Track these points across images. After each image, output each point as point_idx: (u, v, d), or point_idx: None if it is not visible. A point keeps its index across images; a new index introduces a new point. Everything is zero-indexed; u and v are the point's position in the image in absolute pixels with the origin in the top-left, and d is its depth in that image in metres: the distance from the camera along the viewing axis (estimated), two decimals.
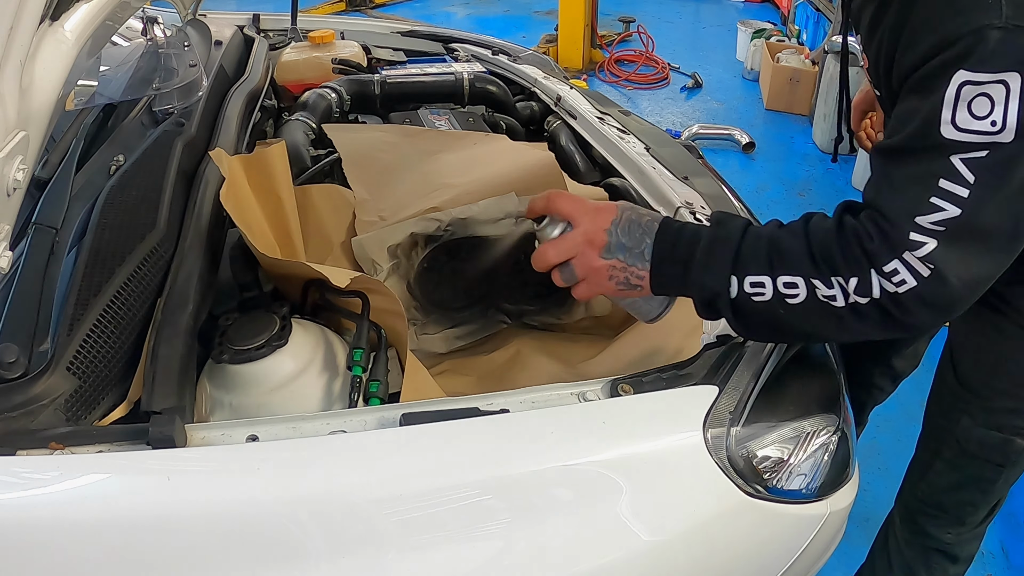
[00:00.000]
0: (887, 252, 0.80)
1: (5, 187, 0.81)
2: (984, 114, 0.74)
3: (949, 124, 0.76)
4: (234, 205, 1.03)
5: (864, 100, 1.45)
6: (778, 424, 0.93)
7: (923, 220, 0.78)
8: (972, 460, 1.20)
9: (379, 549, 0.80)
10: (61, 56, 0.93)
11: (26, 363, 0.85)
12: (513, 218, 1.24)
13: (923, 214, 0.78)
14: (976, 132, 0.75)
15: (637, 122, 1.66)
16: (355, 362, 0.96)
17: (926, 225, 0.78)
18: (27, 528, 0.75)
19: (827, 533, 0.99)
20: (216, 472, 0.82)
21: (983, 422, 1.15)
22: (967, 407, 1.16)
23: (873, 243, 0.81)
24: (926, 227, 0.78)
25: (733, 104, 4.56)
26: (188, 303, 0.97)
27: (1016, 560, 1.85)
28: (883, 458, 1.95)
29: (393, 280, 1.21)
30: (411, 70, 1.87)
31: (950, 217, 0.77)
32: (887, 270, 0.80)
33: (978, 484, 1.24)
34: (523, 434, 0.88)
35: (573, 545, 0.85)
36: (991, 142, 0.75)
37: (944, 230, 0.78)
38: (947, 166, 0.77)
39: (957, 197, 0.77)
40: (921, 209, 0.78)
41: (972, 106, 0.75)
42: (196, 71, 1.47)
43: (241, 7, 2.38)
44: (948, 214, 0.77)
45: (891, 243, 0.80)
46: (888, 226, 0.80)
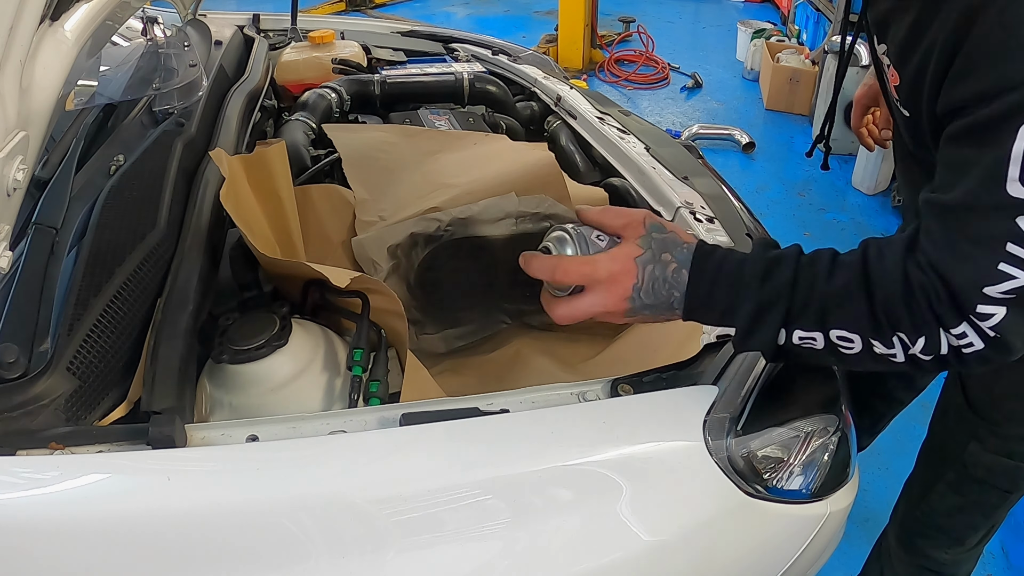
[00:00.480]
0: (956, 316, 0.74)
1: (5, 187, 0.81)
2: None
3: (1017, 182, 0.66)
4: (234, 205, 1.03)
5: (866, 95, 1.40)
6: (778, 424, 0.93)
7: (992, 291, 0.71)
8: (978, 485, 1.16)
9: (379, 549, 0.80)
10: (61, 56, 0.92)
11: (26, 363, 0.85)
12: (513, 218, 1.24)
13: (992, 284, 0.71)
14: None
15: (637, 122, 1.67)
16: (355, 362, 0.96)
17: (995, 295, 0.72)
18: (27, 528, 0.75)
19: (827, 533, 0.99)
20: (216, 472, 0.81)
21: (993, 447, 1.11)
22: (975, 431, 1.12)
23: (943, 306, 0.75)
24: (995, 297, 0.72)
25: (733, 104, 4.56)
26: (188, 303, 0.97)
27: (1016, 560, 1.85)
28: (883, 458, 1.95)
29: (393, 280, 1.21)
30: (411, 70, 1.87)
31: (1020, 285, 0.70)
32: (955, 333, 0.75)
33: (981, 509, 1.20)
34: (523, 434, 0.88)
35: (573, 545, 0.85)
36: None
37: (1014, 298, 0.71)
38: (1014, 229, 0.68)
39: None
40: (990, 280, 0.71)
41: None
42: (196, 71, 1.47)
43: (241, 7, 2.38)
44: (1018, 282, 0.70)
45: (960, 309, 0.74)
46: (957, 293, 0.73)
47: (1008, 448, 1.10)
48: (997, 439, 1.10)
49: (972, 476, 1.15)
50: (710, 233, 1.20)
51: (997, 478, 1.14)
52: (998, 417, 1.09)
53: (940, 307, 0.75)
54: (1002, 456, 1.11)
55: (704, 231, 1.21)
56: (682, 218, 1.26)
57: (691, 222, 1.24)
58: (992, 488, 1.15)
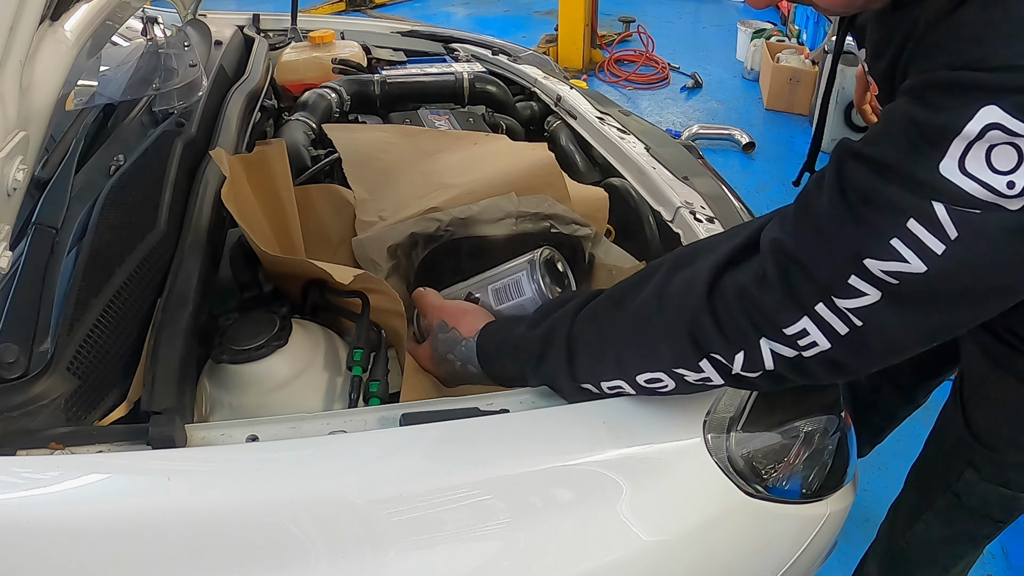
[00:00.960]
0: (794, 306, 0.64)
1: (5, 187, 0.81)
2: (1005, 168, 0.57)
3: (955, 161, 0.58)
4: (235, 204, 1.03)
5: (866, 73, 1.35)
6: (778, 424, 0.93)
7: (874, 265, 0.61)
8: (970, 514, 1.11)
9: (379, 549, 0.80)
10: (61, 56, 0.92)
11: (26, 363, 0.84)
12: (513, 218, 1.24)
13: (876, 257, 0.61)
14: (983, 185, 0.57)
15: (637, 122, 1.67)
16: (355, 362, 0.96)
17: (875, 271, 0.61)
18: (27, 528, 0.75)
19: (827, 533, 0.99)
20: (216, 472, 0.81)
21: (990, 476, 1.06)
22: (972, 457, 1.07)
23: (772, 295, 0.65)
24: (874, 274, 0.61)
25: (733, 104, 4.56)
26: (188, 303, 0.97)
27: (1016, 560, 1.85)
28: (883, 458, 1.95)
29: (393, 280, 1.21)
30: (411, 70, 1.87)
31: (910, 272, 0.60)
32: (790, 332, 0.65)
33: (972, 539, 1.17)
34: (523, 434, 0.88)
35: (573, 545, 0.85)
36: (994, 203, 0.58)
37: (896, 284, 0.61)
38: (926, 209, 0.59)
39: (928, 251, 0.59)
40: (875, 251, 0.61)
41: (992, 154, 0.57)
42: (196, 71, 1.47)
43: (241, 7, 2.38)
44: (909, 267, 0.60)
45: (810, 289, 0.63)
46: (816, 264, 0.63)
47: (1005, 477, 1.06)
48: (994, 467, 1.06)
49: (965, 505, 1.10)
50: (710, 233, 1.20)
51: (992, 508, 1.10)
52: (997, 443, 1.05)
53: (769, 301, 0.65)
54: (998, 485, 1.07)
55: (704, 231, 1.21)
56: (682, 218, 1.26)
57: (691, 222, 1.24)
58: (984, 518, 1.11)
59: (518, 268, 1.01)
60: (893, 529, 1.27)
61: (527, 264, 1.00)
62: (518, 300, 0.97)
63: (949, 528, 1.16)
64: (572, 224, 1.26)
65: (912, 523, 1.21)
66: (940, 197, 0.59)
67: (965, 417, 1.08)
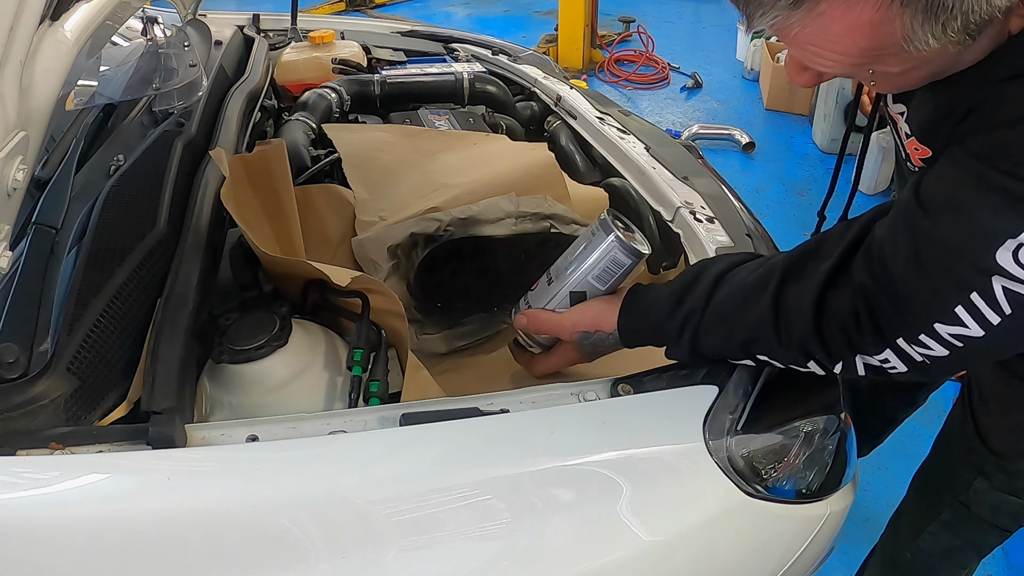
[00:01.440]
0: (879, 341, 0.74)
1: (5, 187, 0.81)
2: None
3: (1010, 253, 0.65)
4: (235, 204, 1.03)
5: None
6: (778, 424, 0.93)
7: (942, 328, 0.70)
8: (978, 524, 1.11)
9: (379, 549, 0.80)
10: (61, 56, 0.92)
11: (26, 363, 0.85)
12: (513, 218, 1.24)
13: (944, 323, 0.70)
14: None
15: (637, 122, 1.66)
16: (355, 362, 0.96)
17: (943, 334, 0.71)
18: (27, 528, 0.75)
19: (827, 533, 0.99)
20: (216, 472, 0.82)
21: (1000, 485, 1.06)
22: (982, 466, 1.07)
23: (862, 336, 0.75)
24: (942, 336, 0.71)
25: (733, 104, 4.56)
26: (188, 303, 0.97)
27: (1016, 560, 1.85)
28: (883, 458, 1.95)
29: (393, 280, 1.21)
30: (411, 70, 1.87)
31: (970, 335, 0.69)
32: (878, 358, 0.76)
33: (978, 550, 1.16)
34: (523, 434, 0.88)
35: (573, 545, 0.85)
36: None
37: (961, 346, 0.71)
38: (986, 286, 0.67)
39: (986, 321, 0.68)
40: (944, 318, 0.70)
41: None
42: (196, 71, 1.47)
43: (241, 7, 2.38)
44: (970, 332, 0.69)
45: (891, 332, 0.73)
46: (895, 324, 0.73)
47: (1016, 486, 1.06)
48: (1005, 475, 1.05)
49: (974, 515, 1.10)
50: (710, 233, 1.20)
51: (1001, 518, 1.09)
52: (1008, 450, 1.05)
53: (859, 338, 0.75)
54: (1009, 494, 1.06)
55: (704, 231, 1.21)
56: (682, 218, 1.26)
57: (691, 222, 1.24)
58: (992, 528, 1.11)
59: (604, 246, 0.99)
60: (897, 540, 1.26)
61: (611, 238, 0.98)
62: (620, 273, 1.00)
63: (956, 538, 1.15)
64: (572, 224, 1.26)
65: (917, 533, 1.19)
66: (998, 276, 0.66)
67: (975, 425, 1.07)
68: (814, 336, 0.79)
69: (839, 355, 0.79)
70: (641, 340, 0.98)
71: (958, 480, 1.11)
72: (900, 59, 0.65)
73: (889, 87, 0.76)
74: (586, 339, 1.01)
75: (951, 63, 0.69)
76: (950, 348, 0.71)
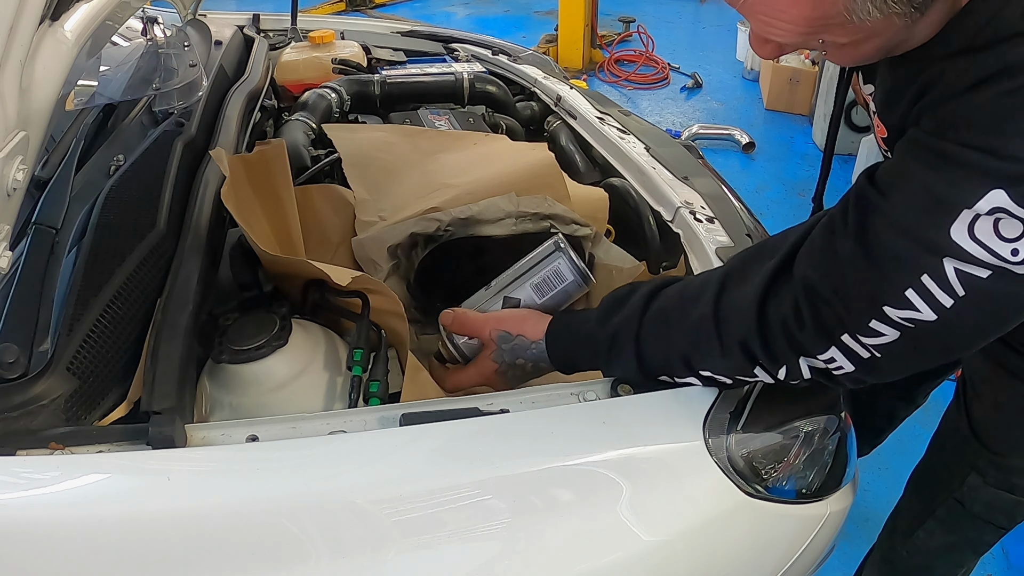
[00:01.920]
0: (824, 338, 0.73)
1: (5, 187, 0.81)
2: (1011, 237, 0.63)
3: (964, 227, 0.64)
4: (235, 203, 1.03)
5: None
6: (778, 424, 0.93)
7: (892, 312, 0.69)
8: (973, 521, 1.11)
9: (379, 549, 0.80)
10: (61, 56, 0.92)
11: (26, 363, 0.85)
12: (513, 218, 1.24)
13: (893, 306, 0.69)
14: (990, 251, 0.64)
15: (637, 122, 1.66)
16: (355, 362, 0.96)
17: (893, 317, 0.69)
18: (27, 528, 0.75)
19: (827, 533, 0.99)
20: (216, 472, 0.81)
21: (994, 481, 1.06)
22: (976, 462, 1.07)
23: (805, 332, 0.74)
24: (892, 319, 0.69)
25: (733, 104, 4.56)
26: (188, 303, 0.97)
27: (1016, 560, 1.85)
28: (883, 458, 1.95)
29: (393, 280, 1.21)
30: (411, 70, 1.87)
31: (922, 319, 0.68)
32: (822, 358, 0.75)
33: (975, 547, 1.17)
34: (523, 434, 0.88)
35: (573, 545, 0.85)
36: (1000, 267, 0.64)
37: (912, 327, 0.69)
38: (938, 268, 0.66)
39: (938, 304, 0.67)
40: (893, 299, 0.68)
41: (999, 225, 0.63)
42: (196, 71, 1.47)
43: (241, 7, 2.38)
44: (921, 316, 0.68)
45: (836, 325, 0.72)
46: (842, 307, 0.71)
47: (1010, 482, 1.06)
48: (999, 471, 1.06)
49: (968, 511, 1.10)
50: (710, 233, 1.20)
51: (995, 514, 1.09)
52: (1002, 447, 1.05)
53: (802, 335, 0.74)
54: (1003, 490, 1.07)
55: (704, 231, 1.21)
56: (682, 218, 1.26)
57: (691, 222, 1.24)
58: (987, 524, 1.11)
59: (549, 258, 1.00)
60: (893, 538, 1.26)
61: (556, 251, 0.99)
62: (561, 287, 0.98)
63: (951, 536, 1.15)
64: (572, 224, 1.26)
65: (913, 531, 1.20)
66: (951, 257, 0.65)
67: (969, 421, 1.08)
68: (756, 337, 0.77)
69: (782, 358, 0.78)
70: (568, 353, 0.93)
71: (953, 477, 1.11)
72: (847, 30, 0.66)
73: (843, 59, 0.76)
74: (505, 341, 0.96)
75: (903, 37, 0.70)
76: (901, 330, 0.70)
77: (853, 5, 0.63)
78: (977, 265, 0.65)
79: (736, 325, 0.79)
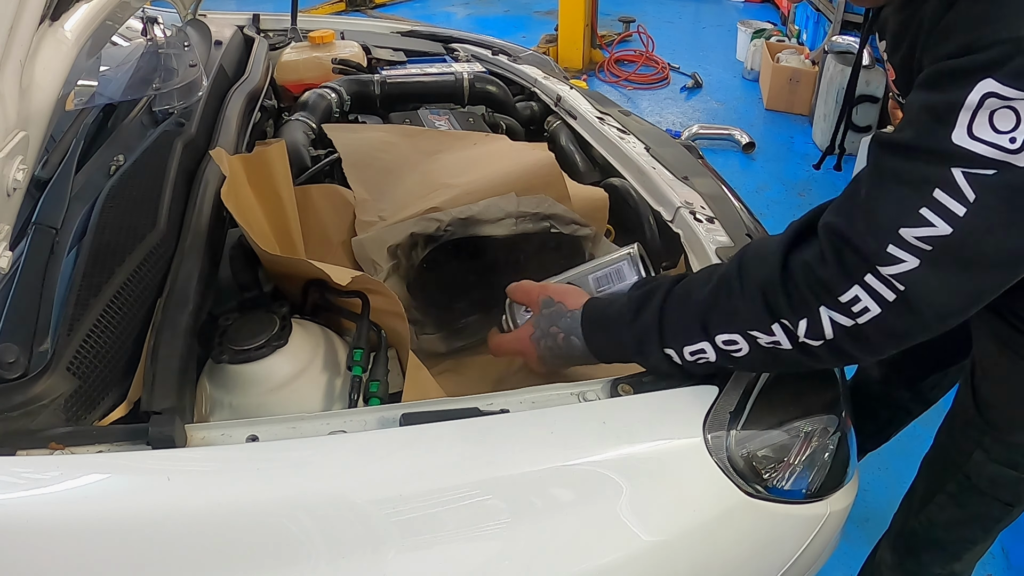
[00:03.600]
0: (845, 277, 0.73)
1: (5, 187, 0.81)
2: (1006, 128, 0.66)
3: (964, 129, 0.67)
4: (235, 203, 1.03)
5: None
6: (778, 424, 0.93)
7: (908, 233, 0.70)
8: (980, 497, 1.13)
9: (379, 549, 0.80)
10: (61, 56, 0.92)
11: (26, 363, 0.85)
12: (513, 218, 1.24)
13: (909, 225, 0.70)
14: (991, 145, 0.67)
15: (637, 122, 1.66)
16: (355, 362, 0.96)
17: (910, 239, 0.70)
18: (27, 528, 0.75)
19: (827, 533, 0.99)
20: (216, 472, 0.82)
21: (998, 457, 1.09)
22: (981, 439, 1.10)
23: (827, 269, 0.74)
24: (910, 241, 0.70)
25: (733, 104, 4.56)
26: (188, 303, 0.97)
27: (1016, 560, 1.85)
28: (883, 458, 1.95)
29: (393, 280, 1.21)
30: (411, 70, 1.87)
31: (939, 235, 0.69)
32: (844, 299, 0.74)
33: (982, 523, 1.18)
34: (523, 434, 0.88)
35: (573, 545, 0.85)
36: (1003, 160, 0.67)
37: (930, 249, 0.70)
38: (947, 177, 0.68)
39: (951, 214, 0.69)
40: (908, 219, 0.70)
41: (994, 117, 0.66)
42: (196, 71, 1.47)
43: (241, 7, 2.38)
44: (937, 231, 0.69)
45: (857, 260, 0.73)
46: (860, 239, 0.72)
47: (1013, 459, 1.08)
48: (1002, 448, 1.08)
49: (975, 487, 1.13)
50: (710, 233, 1.20)
51: (1000, 490, 1.12)
52: (1005, 423, 1.07)
53: (824, 272, 0.74)
54: (1006, 467, 1.09)
55: (704, 231, 1.21)
56: (682, 218, 1.26)
57: (691, 222, 1.24)
58: (994, 500, 1.13)
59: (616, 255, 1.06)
60: (907, 513, 1.29)
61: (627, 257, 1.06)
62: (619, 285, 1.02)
63: (960, 511, 1.18)
64: (572, 224, 1.26)
65: (925, 505, 1.23)
66: (957, 164, 0.68)
67: (975, 400, 1.11)
68: (778, 283, 0.78)
69: (802, 307, 0.77)
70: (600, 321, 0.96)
71: (960, 453, 1.14)
72: None
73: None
74: (547, 307, 1.01)
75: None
76: (920, 255, 0.70)
77: None
78: (982, 166, 0.67)
79: (758, 269, 0.80)
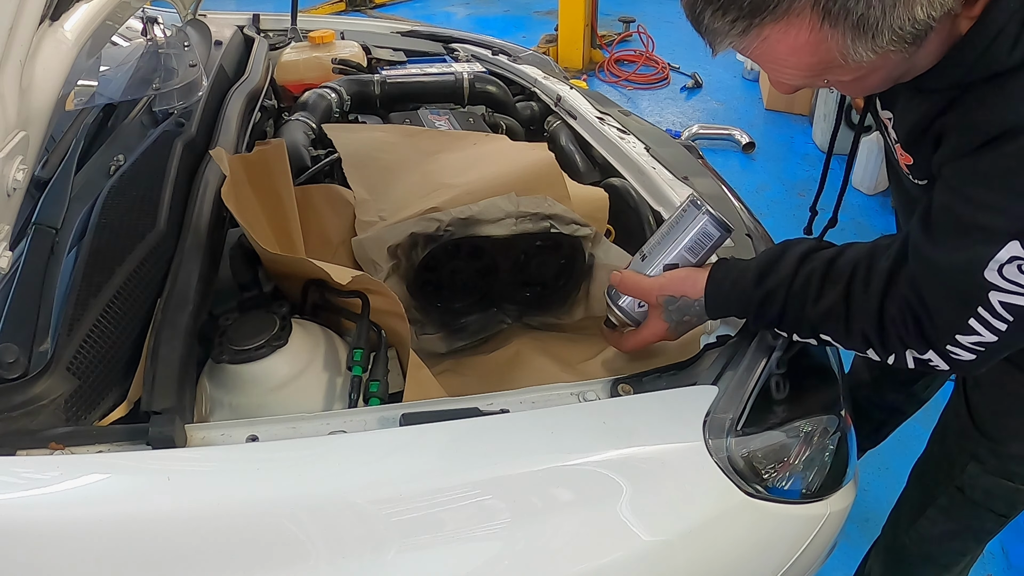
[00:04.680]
0: (923, 346, 0.83)
1: (5, 187, 0.81)
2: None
3: (996, 272, 0.74)
4: (235, 203, 1.03)
5: None
6: (778, 424, 0.93)
7: (963, 339, 0.80)
8: (973, 509, 1.13)
9: (379, 549, 0.80)
10: (61, 56, 0.92)
11: (26, 363, 0.85)
12: (513, 218, 1.24)
13: (963, 334, 0.79)
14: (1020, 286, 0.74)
15: (637, 122, 1.67)
16: (355, 362, 0.96)
17: (966, 343, 0.80)
18: (27, 528, 0.75)
19: (827, 533, 0.99)
20: (216, 472, 0.82)
21: (993, 469, 1.09)
22: (976, 450, 1.10)
23: (910, 337, 0.84)
24: (966, 344, 0.80)
25: (733, 104, 4.56)
26: (188, 303, 0.97)
27: (1016, 560, 1.85)
28: (883, 458, 1.95)
29: (393, 280, 1.21)
30: (411, 70, 1.87)
31: (989, 341, 0.79)
32: (923, 357, 0.84)
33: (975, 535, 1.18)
34: (523, 434, 0.88)
35: (573, 545, 0.85)
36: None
37: (983, 350, 0.80)
38: (986, 302, 0.76)
39: (995, 329, 0.77)
40: (962, 329, 0.79)
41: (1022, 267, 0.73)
42: (196, 71, 1.47)
43: (241, 7, 2.38)
44: (985, 339, 0.79)
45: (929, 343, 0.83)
46: (930, 332, 0.82)
47: (1008, 470, 1.08)
48: (997, 459, 1.08)
49: (968, 499, 1.12)
50: None
51: (995, 502, 1.11)
52: (1000, 435, 1.07)
53: (908, 339, 0.84)
54: (1001, 478, 1.09)
55: None
56: None
57: None
58: (988, 512, 1.13)
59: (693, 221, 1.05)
60: (896, 527, 1.28)
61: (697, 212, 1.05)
62: (710, 244, 1.04)
63: (953, 523, 1.17)
64: (572, 224, 1.26)
65: (915, 519, 1.21)
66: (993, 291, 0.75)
67: (969, 410, 1.10)
68: (874, 331, 0.86)
69: (892, 349, 0.86)
70: (724, 308, 1.00)
71: (953, 466, 1.13)
72: (847, 69, 0.72)
73: (851, 91, 0.83)
74: (671, 304, 1.02)
75: (905, 67, 0.76)
76: (975, 353, 0.81)
77: (847, 50, 0.69)
78: (1016, 295, 0.74)
79: (861, 319, 0.87)
